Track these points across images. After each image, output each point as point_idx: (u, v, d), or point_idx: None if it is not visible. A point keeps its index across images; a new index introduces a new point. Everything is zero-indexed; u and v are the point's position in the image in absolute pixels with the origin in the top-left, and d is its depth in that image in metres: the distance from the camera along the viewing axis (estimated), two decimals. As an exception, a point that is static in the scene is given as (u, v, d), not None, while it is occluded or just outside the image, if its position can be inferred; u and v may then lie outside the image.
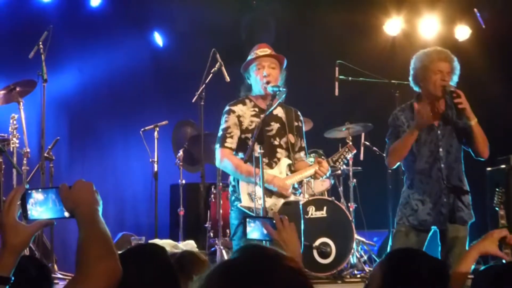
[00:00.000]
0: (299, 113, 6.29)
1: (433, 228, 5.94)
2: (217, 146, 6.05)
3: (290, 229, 3.31)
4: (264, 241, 3.28)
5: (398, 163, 6.10)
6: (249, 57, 6.17)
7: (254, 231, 3.36)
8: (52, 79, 7.85)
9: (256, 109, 6.07)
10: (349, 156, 6.26)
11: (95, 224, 2.45)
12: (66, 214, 2.53)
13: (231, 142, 5.98)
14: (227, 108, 6.12)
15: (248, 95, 6.18)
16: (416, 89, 6.03)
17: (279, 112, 6.12)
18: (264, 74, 6.02)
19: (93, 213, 2.47)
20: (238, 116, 6.04)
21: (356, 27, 10.38)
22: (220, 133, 6.08)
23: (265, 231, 3.33)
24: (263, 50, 6.15)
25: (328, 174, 6.17)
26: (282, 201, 5.93)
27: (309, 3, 10.26)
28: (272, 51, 6.18)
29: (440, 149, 5.90)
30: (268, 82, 6.01)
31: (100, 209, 2.51)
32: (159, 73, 10.38)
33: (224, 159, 5.98)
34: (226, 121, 6.05)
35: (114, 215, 9.96)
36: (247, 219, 3.38)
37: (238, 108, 6.08)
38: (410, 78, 6.03)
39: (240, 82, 6.38)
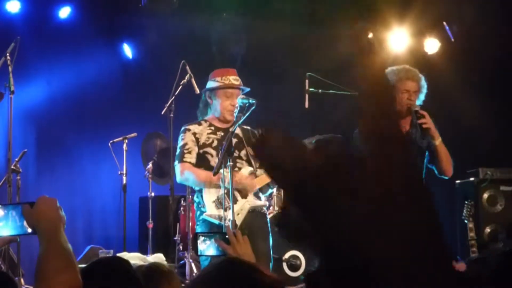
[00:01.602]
0: (255, 131, 6.35)
1: None
2: (176, 162, 6.13)
3: (244, 243, 3.29)
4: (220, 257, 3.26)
5: None
6: (217, 82, 6.17)
7: (210, 248, 3.33)
8: (19, 91, 7.78)
9: (212, 128, 6.16)
10: None
11: (57, 238, 2.42)
12: (29, 230, 2.49)
13: (190, 157, 6.05)
14: (182, 128, 6.25)
15: (203, 118, 6.25)
16: None
17: (236, 129, 6.17)
18: (236, 105, 6.07)
19: (56, 229, 2.44)
20: (194, 134, 6.12)
21: (326, 39, 10.39)
22: (178, 151, 6.17)
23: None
24: (236, 79, 6.19)
25: None
26: (247, 206, 5.95)
27: (279, 16, 10.25)
28: (239, 81, 6.23)
29: None
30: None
31: (64, 225, 2.48)
32: (128, 85, 10.32)
33: (185, 171, 6.04)
34: (183, 139, 6.16)
35: (83, 227, 9.88)
36: (200, 236, 3.35)
37: (194, 127, 6.18)
38: None
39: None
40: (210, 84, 6.27)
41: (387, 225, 1.57)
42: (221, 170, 5.77)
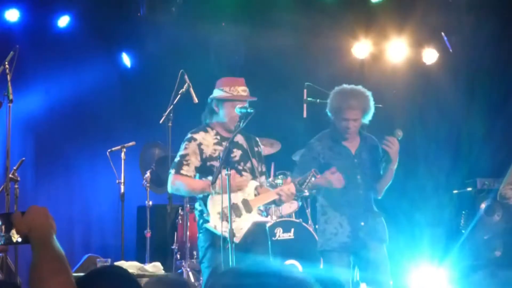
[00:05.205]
0: (257, 139, 6.40)
1: (352, 252, 6.16)
2: (172, 171, 6.05)
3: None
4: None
5: None
6: (225, 92, 6.10)
7: None
8: (18, 100, 7.78)
9: (218, 137, 6.10)
10: (313, 180, 6.21)
11: (49, 243, 2.43)
12: (19, 239, 2.50)
13: (187, 170, 5.99)
14: (188, 135, 6.14)
15: (210, 123, 6.18)
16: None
17: (240, 139, 6.16)
18: (239, 115, 6.03)
19: (48, 235, 2.45)
20: (199, 144, 6.05)
21: (324, 49, 10.41)
22: (177, 158, 6.08)
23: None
24: (244, 89, 6.14)
25: (296, 196, 6.25)
26: (251, 222, 5.93)
27: (278, 26, 10.26)
28: (247, 91, 6.18)
29: (358, 176, 6.24)
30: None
31: (55, 232, 2.49)
32: (126, 94, 10.32)
33: (176, 181, 5.99)
34: (186, 148, 6.06)
35: (81, 236, 9.88)
36: None
37: (200, 136, 6.09)
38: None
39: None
40: (218, 92, 6.15)
41: None
42: (221, 178, 5.73)
